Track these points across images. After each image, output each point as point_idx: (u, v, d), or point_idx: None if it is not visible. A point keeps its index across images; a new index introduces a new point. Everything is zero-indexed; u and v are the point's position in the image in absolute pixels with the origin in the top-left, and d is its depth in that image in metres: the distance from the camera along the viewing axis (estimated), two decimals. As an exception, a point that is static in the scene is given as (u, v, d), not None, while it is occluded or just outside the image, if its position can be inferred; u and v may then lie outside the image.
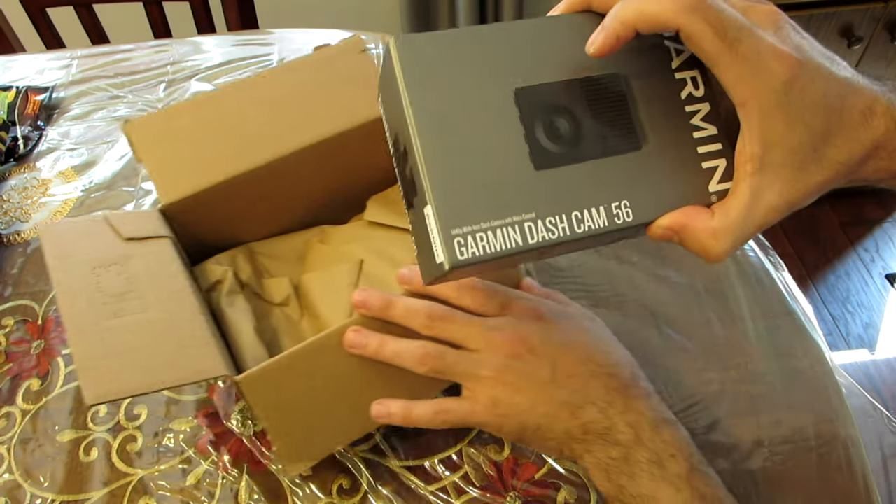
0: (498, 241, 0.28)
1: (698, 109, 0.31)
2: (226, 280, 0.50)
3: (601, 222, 0.29)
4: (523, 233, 0.28)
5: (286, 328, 0.51)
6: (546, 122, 0.29)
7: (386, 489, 0.45)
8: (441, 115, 0.28)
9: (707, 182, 0.31)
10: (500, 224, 0.28)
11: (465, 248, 0.28)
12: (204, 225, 0.51)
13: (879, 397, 1.32)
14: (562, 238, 0.29)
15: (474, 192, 0.28)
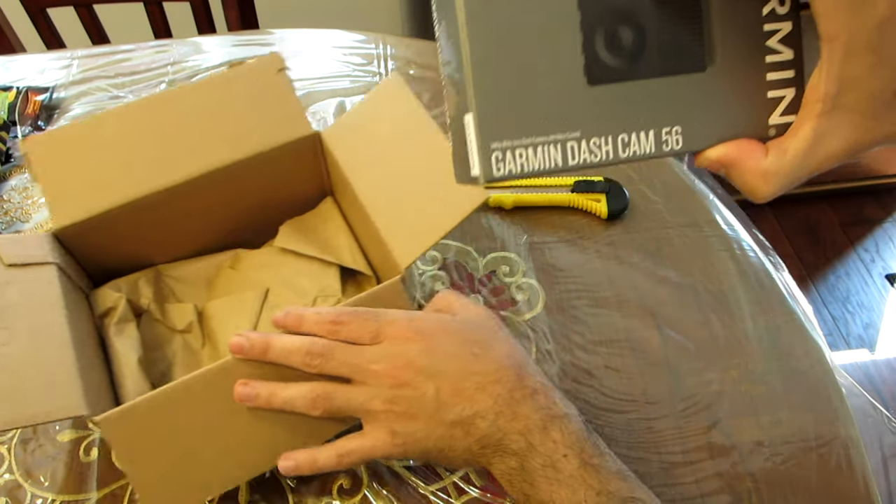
0: (537, 158, 0.27)
1: (778, 29, 0.28)
2: (117, 307, 0.49)
3: (648, 148, 0.28)
4: (565, 152, 0.27)
5: (184, 357, 0.50)
6: (609, 30, 0.27)
7: (386, 489, 0.45)
8: (496, 15, 0.26)
9: (769, 113, 0.29)
10: (543, 141, 0.27)
11: (502, 164, 0.26)
12: (104, 248, 0.49)
13: (879, 397, 1.32)
14: (603, 161, 0.28)
15: (520, 104, 0.26)
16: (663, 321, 0.54)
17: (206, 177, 0.49)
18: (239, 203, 0.53)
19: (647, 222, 0.61)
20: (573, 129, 0.27)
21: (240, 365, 0.40)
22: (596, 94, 0.27)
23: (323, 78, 0.78)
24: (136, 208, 0.47)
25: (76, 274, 0.48)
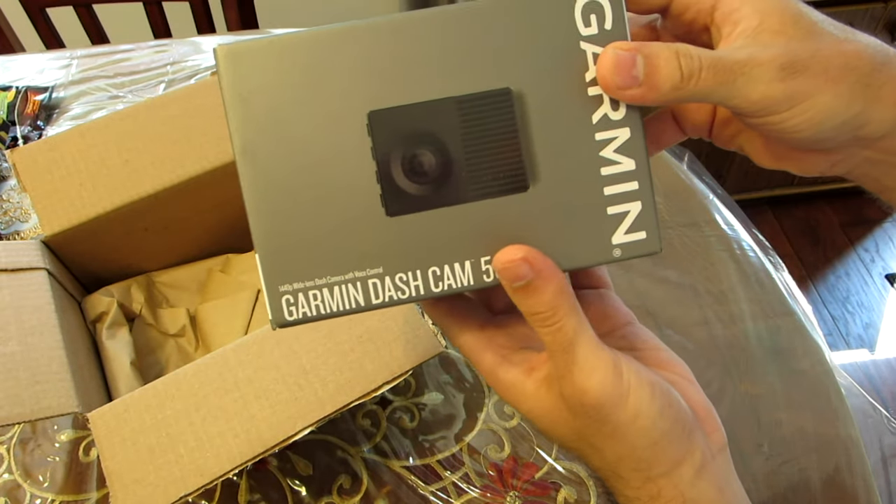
0: (335, 300, 0.24)
1: (613, 138, 0.25)
2: (109, 312, 0.49)
3: (466, 280, 0.25)
4: (366, 291, 0.24)
5: (178, 361, 0.51)
6: (406, 154, 0.24)
7: (386, 489, 0.45)
8: (271, 143, 0.23)
9: (612, 232, 0.25)
10: (339, 281, 0.24)
11: (294, 308, 0.24)
12: (94, 256, 0.50)
13: (879, 397, 1.32)
14: (413, 297, 0.24)
15: (310, 242, 0.24)
16: (663, 321, 0.54)
17: (193, 181, 0.49)
18: (228, 207, 0.53)
19: (647, 222, 0.61)
20: (374, 265, 0.24)
21: (227, 354, 0.40)
22: (397, 226, 0.24)
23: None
24: (124, 214, 0.48)
25: (67, 281, 0.49)
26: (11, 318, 0.41)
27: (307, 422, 0.39)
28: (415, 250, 0.24)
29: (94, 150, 0.48)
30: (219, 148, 0.49)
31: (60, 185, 0.47)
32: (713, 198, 0.64)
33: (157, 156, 0.49)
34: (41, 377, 0.38)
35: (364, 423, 0.48)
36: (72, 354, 0.41)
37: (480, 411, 0.49)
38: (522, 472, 0.46)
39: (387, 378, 0.40)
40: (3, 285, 0.42)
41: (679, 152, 0.71)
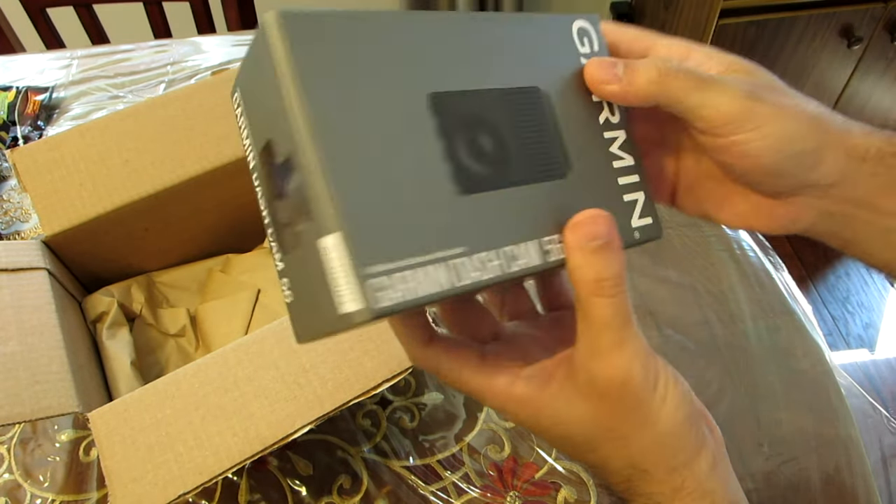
0: (424, 281, 0.22)
1: (615, 137, 0.28)
2: (110, 312, 0.49)
3: (535, 260, 0.25)
4: (451, 273, 0.23)
5: (178, 361, 0.51)
6: (469, 137, 0.24)
7: (386, 489, 0.45)
8: (344, 118, 0.22)
9: (630, 216, 0.28)
10: (427, 261, 0.22)
11: (383, 293, 0.21)
12: (95, 256, 0.50)
13: (879, 397, 1.32)
14: (496, 278, 0.24)
15: (391, 219, 0.22)
16: (663, 321, 0.54)
17: (192, 182, 0.49)
18: (227, 207, 0.53)
19: (647, 222, 0.61)
20: (456, 244, 0.23)
21: (227, 354, 0.40)
22: (470, 205, 0.24)
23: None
24: (124, 214, 0.48)
25: (68, 281, 0.48)
26: (12, 317, 0.41)
27: (306, 420, 0.39)
28: (490, 229, 0.24)
29: (94, 149, 0.48)
30: (218, 148, 0.49)
31: (60, 185, 0.47)
32: (713, 198, 0.64)
33: (157, 156, 0.49)
34: (41, 377, 0.38)
35: (364, 423, 0.48)
36: (72, 354, 0.41)
37: (480, 411, 0.49)
38: (522, 471, 0.46)
39: (386, 376, 0.40)
40: (4, 285, 0.42)
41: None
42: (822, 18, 1.20)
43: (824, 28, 1.21)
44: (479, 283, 0.23)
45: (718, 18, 1.18)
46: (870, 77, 1.32)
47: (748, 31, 1.21)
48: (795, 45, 1.24)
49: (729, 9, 1.17)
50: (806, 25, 1.21)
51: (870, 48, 1.26)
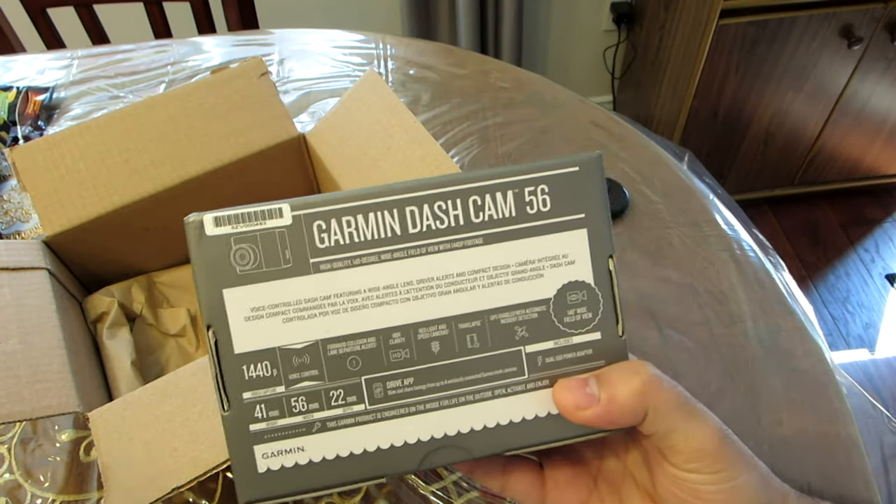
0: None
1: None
2: (110, 312, 0.49)
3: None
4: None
5: (178, 361, 0.51)
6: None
7: (386, 489, 0.45)
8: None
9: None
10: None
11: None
12: (95, 256, 0.49)
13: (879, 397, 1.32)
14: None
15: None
16: (663, 321, 0.54)
17: (193, 181, 0.49)
18: (227, 206, 0.53)
19: (647, 222, 0.61)
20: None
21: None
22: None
23: (323, 78, 0.78)
24: (124, 215, 0.48)
25: (68, 281, 0.48)
26: (12, 316, 0.41)
27: None
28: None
29: (94, 149, 0.48)
30: (219, 148, 0.49)
31: (60, 184, 0.47)
32: (713, 198, 0.64)
33: (158, 156, 0.49)
34: (42, 376, 0.38)
35: (364, 422, 0.48)
36: (72, 354, 0.41)
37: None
38: (522, 471, 0.46)
39: None
40: (4, 284, 0.42)
41: (679, 152, 0.71)
42: (822, 18, 1.20)
43: (824, 28, 1.21)
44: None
45: (718, 18, 1.18)
46: (870, 77, 1.32)
47: (748, 31, 1.21)
48: (795, 45, 1.24)
49: (729, 9, 1.17)
50: (806, 25, 1.21)
51: (870, 48, 1.26)
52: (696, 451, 0.24)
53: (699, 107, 1.35)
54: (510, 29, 1.53)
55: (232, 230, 0.25)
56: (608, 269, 0.26)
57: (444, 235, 0.25)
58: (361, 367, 0.25)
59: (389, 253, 0.25)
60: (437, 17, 1.52)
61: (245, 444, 0.25)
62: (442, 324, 0.25)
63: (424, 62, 0.79)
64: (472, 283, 0.25)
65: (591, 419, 0.24)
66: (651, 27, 1.48)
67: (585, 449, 0.30)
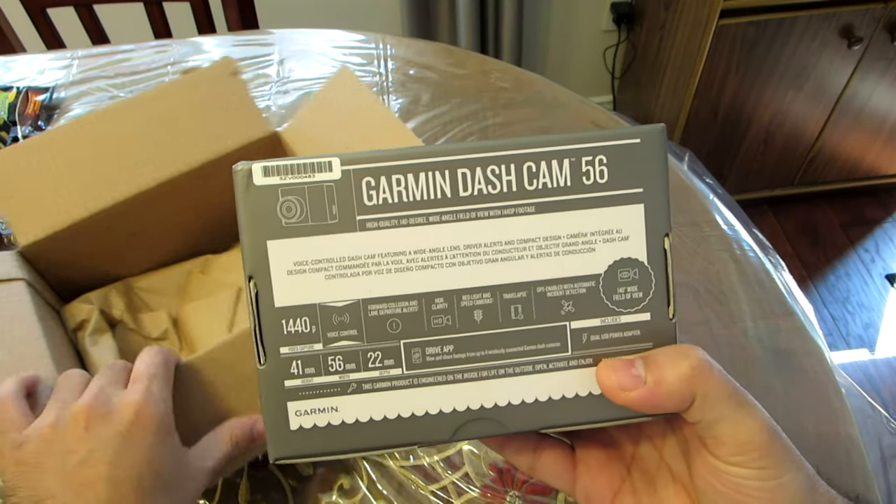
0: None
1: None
2: (91, 319, 0.49)
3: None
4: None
5: None
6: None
7: (386, 489, 0.45)
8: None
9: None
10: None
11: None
12: (71, 264, 0.49)
13: (879, 397, 1.32)
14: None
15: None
16: (663, 321, 0.54)
17: (167, 184, 0.48)
18: (203, 209, 0.52)
19: (647, 222, 0.61)
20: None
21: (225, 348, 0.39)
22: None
23: (323, 78, 0.78)
24: (99, 221, 0.47)
25: (45, 291, 0.48)
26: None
27: None
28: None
29: (67, 154, 0.48)
30: (192, 149, 0.49)
31: (33, 193, 0.46)
32: (713, 198, 0.64)
33: (132, 159, 0.48)
34: None
35: (364, 422, 0.48)
36: (58, 363, 0.41)
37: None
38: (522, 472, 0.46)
39: None
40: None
41: (679, 152, 0.71)
42: (822, 18, 1.20)
43: (824, 28, 1.21)
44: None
45: (718, 18, 1.18)
46: (870, 77, 1.32)
47: (748, 31, 1.21)
48: (795, 45, 1.24)
49: (729, 9, 1.17)
50: (806, 25, 1.21)
51: (870, 48, 1.26)
52: (743, 443, 0.23)
53: (699, 107, 1.35)
54: (510, 29, 1.53)
55: (280, 181, 0.24)
56: (663, 247, 0.25)
57: (495, 201, 0.24)
58: (401, 330, 0.24)
59: (438, 215, 0.24)
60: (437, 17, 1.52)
61: (279, 400, 0.24)
62: (486, 292, 0.24)
63: (424, 62, 0.79)
64: (520, 253, 0.24)
65: (636, 401, 0.23)
66: (651, 27, 1.48)
67: (620, 434, 0.29)
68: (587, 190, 0.24)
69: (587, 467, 0.29)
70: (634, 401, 0.23)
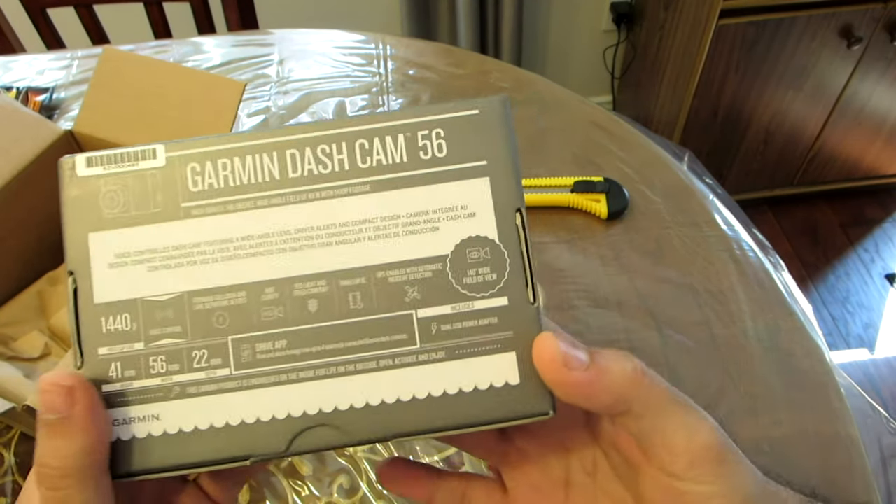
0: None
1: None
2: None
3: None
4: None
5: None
6: None
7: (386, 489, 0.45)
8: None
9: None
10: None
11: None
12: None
13: (879, 397, 1.32)
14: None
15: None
16: (663, 321, 0.54)
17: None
18: (27, 229, 0.51)
19: (647, 222, 0.61)
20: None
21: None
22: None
23: (323, 78, 0.78)
24: None
25: None
26: None
27: None
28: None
29: None
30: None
31: None
32: (713, 198, 0.64)
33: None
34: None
35: (364, 423, 0.48)
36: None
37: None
38: (522, 471, 0.46)
39: None
40: None
41: (679, 152, 0.71)
42: (822, 18, 1.20)
43: (824, 28, 1.21)
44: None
45: (718, 18, 1.18)
46: (870, 77, 1.32)
47: (748, 31, 1.21)
48: (795, 45, 1.24)
49: (729, 9, 1.17)
50: (806, 25, 1.21)
51: (870, 48, 1.26)
52: (699, 450, 0.21)
53: (699, 107, 1.35)
54: (510, 29, 1.53)
55: (103, 171, 0.23)
56: (515, 224, 0.23)
57: (327, 181, 0.23)
58: (229, 324, 0.22)
59: (267, 199, 0.23)
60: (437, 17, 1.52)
61: None
62: (321, 279, 0.22)
63: (424, 62, 0.79)
64: (357, 235, 0.22)
65: (573, 384, 0.21)
66: (651, 27, 1.48)
67: (551, 464, 0.26)
68: (425, 165, 0.23)
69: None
70: (572, 383, 0.21)
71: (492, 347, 0.22)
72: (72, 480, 0.19)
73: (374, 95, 0.75)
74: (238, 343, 0.22)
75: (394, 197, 0.23)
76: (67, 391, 0.20)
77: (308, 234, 0.23)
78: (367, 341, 0.22)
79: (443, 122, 0.23)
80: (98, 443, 0.20)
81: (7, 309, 0.52)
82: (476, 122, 0.23)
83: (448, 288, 0.23)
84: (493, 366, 0.22)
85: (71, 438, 0.19)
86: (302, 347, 0.22)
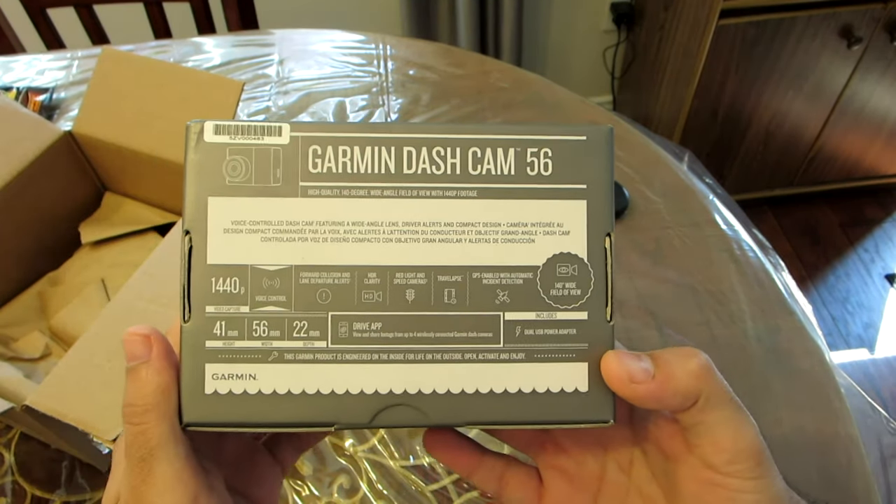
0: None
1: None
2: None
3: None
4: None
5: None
6: None
7: (386, 489, 0.45)
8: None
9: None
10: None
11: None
12: None
13: (879, 397, 1.32)
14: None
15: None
16: (663, 321, 0.54)
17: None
18: (27, 229, 0.51)
19: (647, 222, 0.61)
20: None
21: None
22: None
23: (323, 78, 0.78)
24: None
25: None
26: None
27: None
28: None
29: None
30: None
31: None
32: (713, 198, 0.64)
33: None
34: None
35: (364, 422, 0.48)
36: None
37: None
38: (522, 471, 0.46)
39: None
40: None
41: (679, 152, 0.71)
42: (822, 18, 1.20)
43: (824, 28, 1.21)
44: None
45: (718, 18, 1.18)
46: (870, 77, 1.32)
47: (748, 31, 1.21)
48: (795, 45, 1.24)
49: (729, 9, 1.17)
50: (806, 25, 1.21)
51: (870, 48, 1.26)
52: (742, 450, 0.23)
53: (699, 107, 1.35)
54: (510, 29, 1.53)
55: (229, 140, 0.24)
56: (604, 246, 0.25)
57: (438, 182, 0.24)
58: (331, 301, 0.24)
59: (380, 189, 0.24)
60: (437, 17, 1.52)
61: (197, 361, 0.23)
62: (421, 272, 0.24)
63: (424, 63, 0.79)
64: (458, 236, 0.24)
65: (642, 395, 0.22)
66: (651, 27, 1.48)
67: (587, 458, 0.28)
68: (530, 181, 0.24)
69: (553, 498, 0.28)
70: (641, 395, 0.22)
71: (567, 356, 0.24)
72: (150, 416, 0.22)
73: (374, 95, 0.75)
74: (337, 319, 0.24)
75: (497, 206, 0.24)
76: (144, 339, 0.22)
77: (414, 229, 0.24)
78: (455, 334, 0.24)
79: (552, 143, 0.25)
80: (172, 383, 0.22)
81: (7, 309, 0.53)
82: (582, 148, 0.25)
83: (536, 296, 0.24)
84: (566, 372, 0.24)
85: (149, 379, 0.22)
86: (395, 332, 0.24)
